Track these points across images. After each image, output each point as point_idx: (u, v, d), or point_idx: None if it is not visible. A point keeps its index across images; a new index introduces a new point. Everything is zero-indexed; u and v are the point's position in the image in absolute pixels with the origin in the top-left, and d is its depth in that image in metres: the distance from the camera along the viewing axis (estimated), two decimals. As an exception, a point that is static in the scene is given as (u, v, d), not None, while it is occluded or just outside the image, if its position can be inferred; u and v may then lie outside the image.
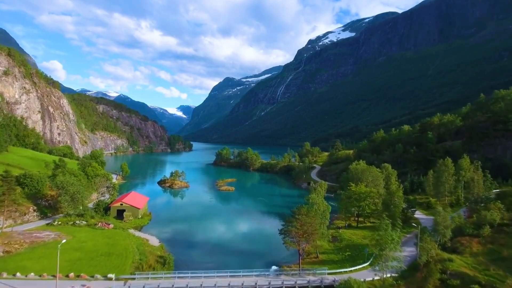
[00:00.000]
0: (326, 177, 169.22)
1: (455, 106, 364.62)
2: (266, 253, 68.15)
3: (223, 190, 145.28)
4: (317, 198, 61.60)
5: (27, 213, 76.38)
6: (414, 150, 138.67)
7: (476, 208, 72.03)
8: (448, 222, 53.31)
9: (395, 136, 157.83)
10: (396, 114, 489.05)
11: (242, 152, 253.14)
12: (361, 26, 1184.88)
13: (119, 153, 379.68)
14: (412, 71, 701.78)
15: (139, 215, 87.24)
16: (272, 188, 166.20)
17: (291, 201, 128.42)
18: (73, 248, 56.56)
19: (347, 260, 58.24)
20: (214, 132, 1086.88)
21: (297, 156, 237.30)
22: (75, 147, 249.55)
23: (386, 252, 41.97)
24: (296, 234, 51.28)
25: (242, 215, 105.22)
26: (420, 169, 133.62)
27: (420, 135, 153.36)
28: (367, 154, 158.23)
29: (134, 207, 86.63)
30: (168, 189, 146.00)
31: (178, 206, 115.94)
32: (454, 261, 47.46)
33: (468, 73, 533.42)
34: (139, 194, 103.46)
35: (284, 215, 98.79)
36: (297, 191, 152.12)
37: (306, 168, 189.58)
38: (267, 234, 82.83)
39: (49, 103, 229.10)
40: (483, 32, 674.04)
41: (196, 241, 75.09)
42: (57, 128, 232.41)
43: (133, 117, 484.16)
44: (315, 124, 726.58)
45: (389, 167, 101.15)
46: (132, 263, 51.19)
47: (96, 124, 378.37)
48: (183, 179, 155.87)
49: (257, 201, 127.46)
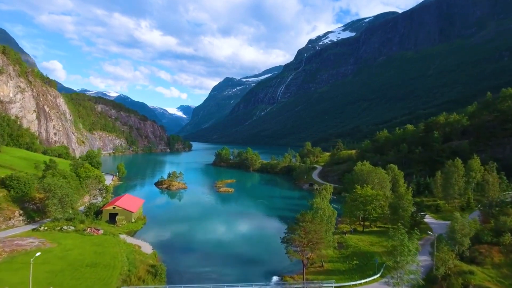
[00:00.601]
0: (328, 178, 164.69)
1: (456, 106, 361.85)
2: (266, 261, 63.46)
3: (222, 192, 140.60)
4: (322, 203, 56.96)
5: (12, 217, 71.70)
6: (420, 150, 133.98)
7: (491, 212, 67.46)
8: (467, 230, 48.65)
9: (399, 136, 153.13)
10: (396, 114, 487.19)
11: (242, 152, 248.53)
12: (361, 26, 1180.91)
13: (117, 153, 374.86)
14: (413, 71, 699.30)
15: (132, 219, 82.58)
16: (273, 189, 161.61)
17: (293, 203, 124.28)
18: (57, 257, 51.93)
19: (355, 270, 53.57)
20: (214, 132, 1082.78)
21: (298, 156, 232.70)
22: (72, 147, 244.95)
23: (402, 265, 37.36)
24: (300, 243, 46.63)
25: (242, 218, 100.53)
26: (425, 169, 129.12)
27: (425, 134, 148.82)
28: (370, 155, 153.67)
29: (128, 211, 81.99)
30: (165, 191, 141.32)
31: (174, 208, 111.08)
32: (476, 274, 42.88)
33: (468, 73, 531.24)
34: (134, 197, 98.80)
35: (286, 218, 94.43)
36: (299, 192, 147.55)
37: (307, 168, 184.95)
38: (267, 239, 78.18)
39: (45, 102, 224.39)
40: (483, 32, 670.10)
41: (192, 247, 70.42)
42: (53, 127, 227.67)
43: (132, 117, 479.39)
44: (315, 124, 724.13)
45: (395, 168, 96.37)
46: (119, 275, 46.52)
47: (94, 124, 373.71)
48: (181, 180, 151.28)
49: (257, 203, 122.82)
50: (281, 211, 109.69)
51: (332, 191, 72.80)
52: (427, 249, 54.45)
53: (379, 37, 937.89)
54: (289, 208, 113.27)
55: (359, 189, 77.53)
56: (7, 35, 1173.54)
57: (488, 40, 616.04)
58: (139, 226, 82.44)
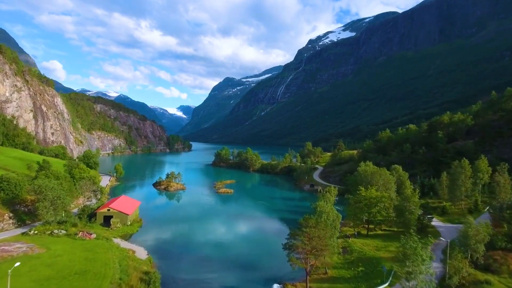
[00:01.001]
0: (329, 179, 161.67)
1: (457, 106, 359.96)
2: (267, 266, 60.39)
3: (221, 193, 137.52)
4: (326, 206, 53.88)
5: (2, 220, 68.62)
6: (424, 150, 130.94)
7: (502, 215, 64.42)
8: (482, 235, 45.55)
9: (402, 136, 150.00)
10: (397, 114, 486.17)
11: (242, 153, 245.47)
12: (361, 26, 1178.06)
13: (116, 154, 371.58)
14: (413, 71, 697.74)
15: (128, 221, 79.49)
16: (273, 190, 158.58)
17: (294, 204, 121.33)
18: (45, 264, 48.84)
19: (361, 277, 50.48)
20: (214, 132, 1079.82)
21: (299, 156, 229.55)
22: (70, 147, 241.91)
23: (415, 276, 34.32)
24: (303, 250, 43.59)
25: (241, 220, 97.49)
26: (429, 170, 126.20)
27: (428, 134, 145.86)
28: (373, 155, 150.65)
29: (123, 213, 78.88)
30: (164, 192, 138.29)
31: (172, 210, 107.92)
32: (493, 284, 39.90)
33: (469, 73, 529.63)
34: (130, 198, 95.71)
35: (287, 220, 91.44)
36: (299, 193, 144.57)
37: (308, 169, 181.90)
38: (268, 243, 75.16)
39: (42, 102, 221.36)
40: (484, 31, 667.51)
41: (190, 252, 67.37)
42: (50, 127, 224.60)
43: (131, 116, 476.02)
44: (315, 124, 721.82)
45: (399, 169, 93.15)
46: (110, 284, 43.46)
47: (93, 124, 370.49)
48: (180, 181, 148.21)
49: (257, 205, 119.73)
50: (282, 213, 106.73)
51: (336, 193, 69.51)
52: (437, 255, 51.40)
53: (379, 37, 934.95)
54: (290, 210, 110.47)
55: (363, 191, 74.46)
56: (7, 35, 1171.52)
57: (489, 40, 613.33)
58: (134, 229, 79.31)
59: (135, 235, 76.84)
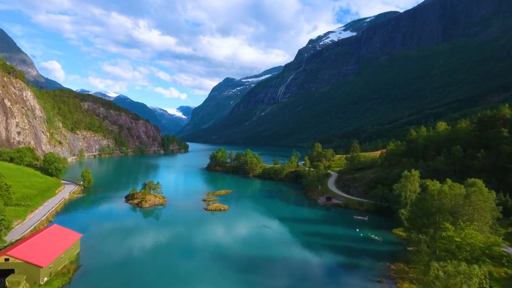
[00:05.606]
0: (350, 189, 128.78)
1: (466, 105, 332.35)
2: None
3: (211, 210, 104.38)
4: None
5: None
6: (483, 153, 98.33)
7: None
8: None
9: (447, 135, 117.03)
10: (402, 114, 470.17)
11: (241, 155, 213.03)
12: (362, 26, 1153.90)
13: (104, 155, 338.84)
14: (416, 70, 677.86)
15: (41, 278, 46.68)
16: (279, 204, 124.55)
17: (311, 230, 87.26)
18: None
19: None
20: (214, 133, 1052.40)
21: (307, 160, 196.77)
22: (41, 149, 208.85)
23: None
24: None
25: (235, 264, 64.29)
26: (490, 181, 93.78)
27: (479, 133, 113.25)
28: (406, 160, 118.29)
29: (32, 265, 46.14)
30: (136, 208, 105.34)
31: (135, 243, 72.39)
32: None
33: (475, 72, 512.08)
34: (65, 230, 62.37)
35: (306, 262, 56.98)
36: (314, 210, 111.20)
37: (320, 176, 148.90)
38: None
39: (5, 95, 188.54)
40: (488, 30, 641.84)
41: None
42: (16, 125, 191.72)
43: (123, 115, 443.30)
44: (316, 125, 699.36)
45: (482, 185, 59.09)
46: None
47: (77, 123, 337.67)
48: (159, 193, 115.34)
49: (259, 231, 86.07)
50: (296, 246, 74.12)
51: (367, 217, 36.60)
52: None
53: (381, 36, 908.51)
54: (308, 242, 76.88)
55: (451, 229, 41.71)
56: (5, 35, 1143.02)
57: (494, 39, 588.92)
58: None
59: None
